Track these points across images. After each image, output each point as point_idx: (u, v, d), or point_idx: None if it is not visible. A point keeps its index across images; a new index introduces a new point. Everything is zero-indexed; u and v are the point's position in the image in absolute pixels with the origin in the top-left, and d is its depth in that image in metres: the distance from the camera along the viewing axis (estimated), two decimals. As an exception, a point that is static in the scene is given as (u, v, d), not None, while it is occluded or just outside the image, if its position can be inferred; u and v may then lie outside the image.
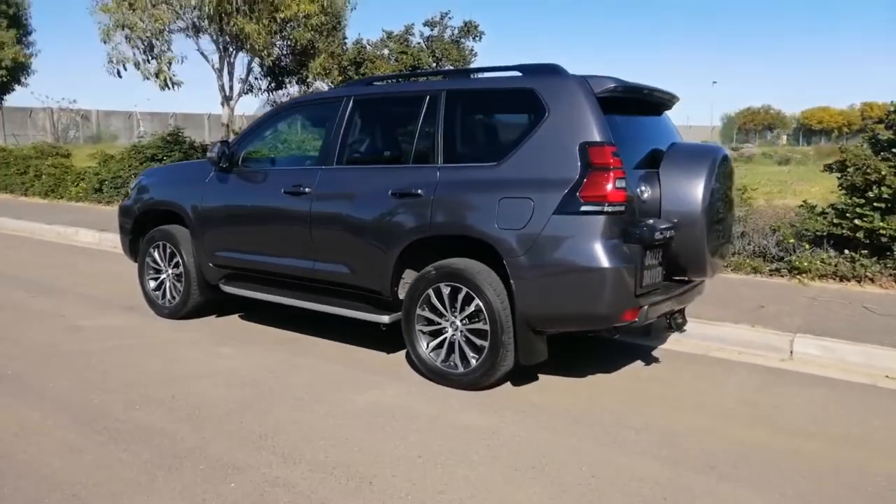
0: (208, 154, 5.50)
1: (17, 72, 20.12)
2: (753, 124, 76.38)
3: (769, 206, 7.94)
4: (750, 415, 4.11)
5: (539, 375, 4.65)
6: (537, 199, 4.00)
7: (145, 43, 11.77)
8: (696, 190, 4.21)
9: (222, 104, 12.85)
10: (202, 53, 12.60)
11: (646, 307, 4.06)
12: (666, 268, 4.46)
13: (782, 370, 4.96)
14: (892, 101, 6.78)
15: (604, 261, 3.86)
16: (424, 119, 4.59)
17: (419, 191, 4.42)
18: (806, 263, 6.72)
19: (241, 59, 13.20)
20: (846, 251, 6.74)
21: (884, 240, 6.51)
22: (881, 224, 6.43)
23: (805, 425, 3.97)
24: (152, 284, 6.09)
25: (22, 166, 16.17)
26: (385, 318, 4.68)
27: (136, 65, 12.23)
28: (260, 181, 5.38)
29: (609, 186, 3.85)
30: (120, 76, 12.67)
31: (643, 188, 4.18)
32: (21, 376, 4.53)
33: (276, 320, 5.85)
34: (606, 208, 3.87)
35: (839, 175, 6.87)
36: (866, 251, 6.66)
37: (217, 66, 12.83)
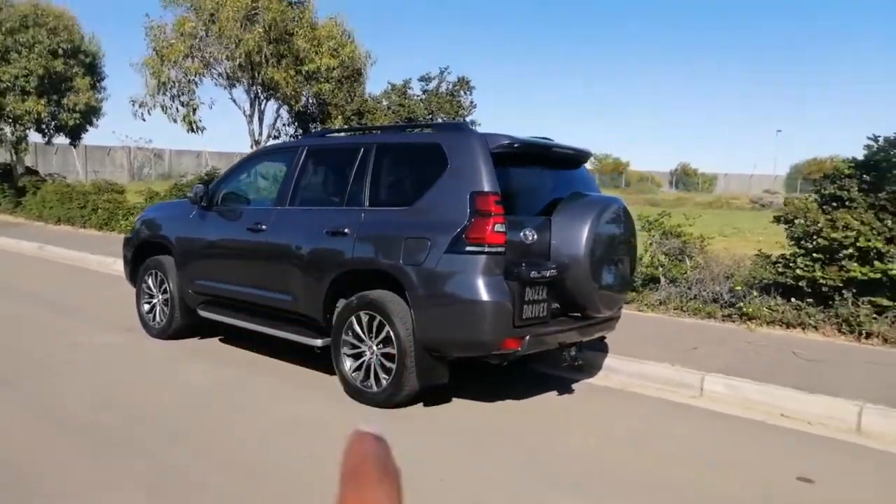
0: (188, 194, 6.31)
1: (89, 114, 21.94)
2: (820, 174, 74.55)
3: (728, 254, 8.28)
4: (627, 441, 4.54)
5: (454, 399, 5.17)
6: (434, 238, 4.59)
7: (172, 91, 12.99)
8: (580, 235, 4.73)
9: (251, 147, 13.95)
10: (234, 101, 13.87)
11: (527, 337, 4.56)
12: (561, 304, 4.96)
13: (687, 405, 5.33)
14: (843, 159, 7.09)
15: (483, 294, 4.42)
16: (358, 167, 5.26)
17: (346, 230, 5.07)
18: (753, 310, 7.04)
19: (271, 107, 14.42)
20: (793, 299, 7.03)
21: (825, 289, 6.79)
22: (820, 274, 6.72)
23: (673, 452, 4.37)
24: (146, 308, 6.89)
25: (82, 201, 17.64)
26: (318, 342, 5.31)
27: (163, 108, 13.46)
28: (230, 218, 6.13)
29: (489, 230, 4.42)
30: (144, 119, 13.93)
31: (528, 233, 4.71)
32: (9, 381, 5.33)
33: (248, 343, 6.53)
34: (487, 249, 4.43)
35: (786, 226, 7.19)
36: (812, 300, 6.93)
37: (248, 112, 14.04)
